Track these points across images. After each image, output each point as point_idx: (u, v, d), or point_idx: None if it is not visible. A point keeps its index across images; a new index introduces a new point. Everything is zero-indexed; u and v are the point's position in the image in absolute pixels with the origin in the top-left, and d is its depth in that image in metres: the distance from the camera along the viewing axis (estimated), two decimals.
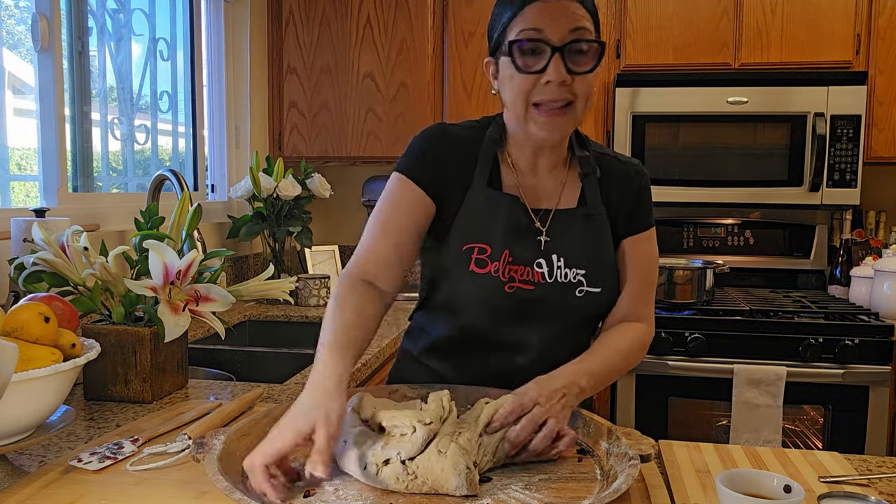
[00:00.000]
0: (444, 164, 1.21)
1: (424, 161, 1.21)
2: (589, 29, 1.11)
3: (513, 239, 1.19)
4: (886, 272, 2.43)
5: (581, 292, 1.19)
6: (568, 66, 1.09)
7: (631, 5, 2.72)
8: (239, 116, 2.83)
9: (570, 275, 1.19)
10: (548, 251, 1.20)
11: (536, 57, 1.11)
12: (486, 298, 1.18)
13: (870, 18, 2.60)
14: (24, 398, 0.92)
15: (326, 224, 3.24)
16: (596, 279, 1.20)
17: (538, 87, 1.11)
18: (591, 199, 1.22)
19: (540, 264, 1.19)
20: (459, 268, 1.18)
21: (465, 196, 1.20)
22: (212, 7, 2.72)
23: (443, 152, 1.21)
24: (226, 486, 0.81)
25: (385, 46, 2.82)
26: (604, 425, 1.05)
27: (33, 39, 1.81)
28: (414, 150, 1.23)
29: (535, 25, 1.09)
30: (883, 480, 1.02)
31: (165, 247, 1.31)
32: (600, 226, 1.22)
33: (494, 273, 1.17)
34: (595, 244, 1.21)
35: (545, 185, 1.24)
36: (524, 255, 1.19)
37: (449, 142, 1.22)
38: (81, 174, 2.07)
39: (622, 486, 0.85)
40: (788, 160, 2.62)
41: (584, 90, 1.12)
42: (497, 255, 1.18)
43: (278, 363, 1.93)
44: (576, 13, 1.10)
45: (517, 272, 1.18)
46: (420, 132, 1.24)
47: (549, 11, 1.10)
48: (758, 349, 2.33)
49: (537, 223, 1.21)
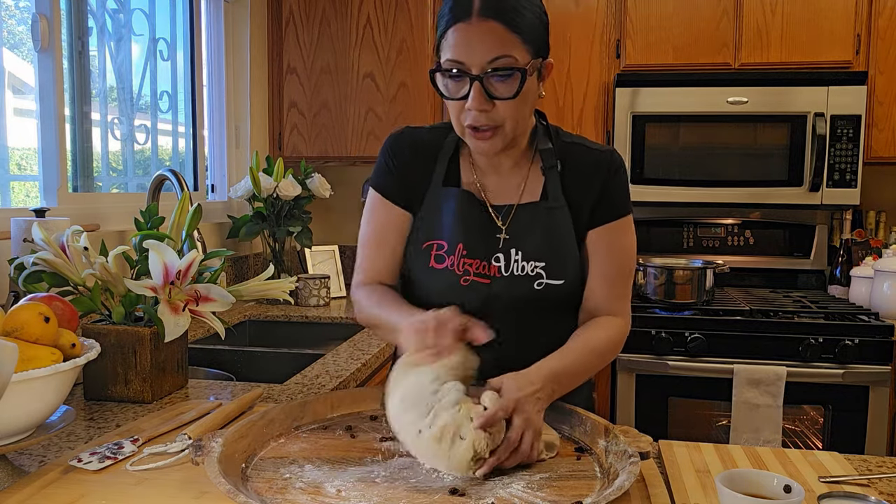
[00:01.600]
0: (407, 170, 1.27)
1: (390, 173, 1.28)
2: (513, 55, 1.09)
3: (467, 233, 1.21)
4: (886, 272, 2.43)
5: (540, 285, 1.19)
6: (489, 93, 1.10)
7: (631, 5, 2.72)
8: (239, 116, 2.83)
9: (528, 268, 1.20)
10: (506, 246, 1.21)
11: (459, 84, 1.12)
12: (443, 293, 1.21)
13: (870, 18, 2.60)
14: (24, 398, 0.92)
15: (326, 224, 3.24)
16: (557, 271, 1.20)
17: (465, 111, 1.13)
18: (552, 192, 1.22)
19: (497, 258, 1.21)
20: (421, 265, 1.23)
21: (426, 194, 1.25)
22: (212, 7, 2.72)
23: (404, 158, 1.27)
24: (229, 489, 0.81)
25: (385, 46, 2.82)
26: (601, 423, 1.05)
27: (33, 39, 1.81)
28: (380, 161, 1.30)
29: (455, 56, 1.09)
30: (883, 480, 1.02)
31: (165, 247, 1.31)
32: (562, 218, 1.22)
33: (451, 267, 1.21)
34: (556, 237, 1.21)
35: (507, 181, 1.25)
36: (480, 249, 1.21)
37: (409, 146, 1.27)
38: (81, 174, 2.07)
39: (625, 483, 0.86)
40: (788, 160, 2.62)
41: (511, 113, 1.12)
42: (452, 249, 1.21)
43: (278, 363, 1.93)
44: (498, 39, 1.08)
45: (472, 265, 1.20)
46: (386, 140, 1.30)
47: (470, 37, 1.09)
48: (758, 349, 2.33)
49: (498, 220, 1.23)
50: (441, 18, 1.14)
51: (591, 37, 2.75)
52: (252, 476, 0.93)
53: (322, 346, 2.21)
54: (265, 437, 1.04)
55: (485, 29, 1.08)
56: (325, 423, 1.14)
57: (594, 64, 2.76)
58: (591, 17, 2.74)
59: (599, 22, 2.75)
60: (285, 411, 1.10)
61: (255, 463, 0.97)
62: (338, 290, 2.77)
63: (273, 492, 0.88)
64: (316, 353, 1.92)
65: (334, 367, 1.70)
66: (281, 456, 1.00)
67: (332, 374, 1.64)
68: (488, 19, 1.08)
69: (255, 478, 0.92)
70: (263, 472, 0.94)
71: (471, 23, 1.08)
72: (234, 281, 2.63)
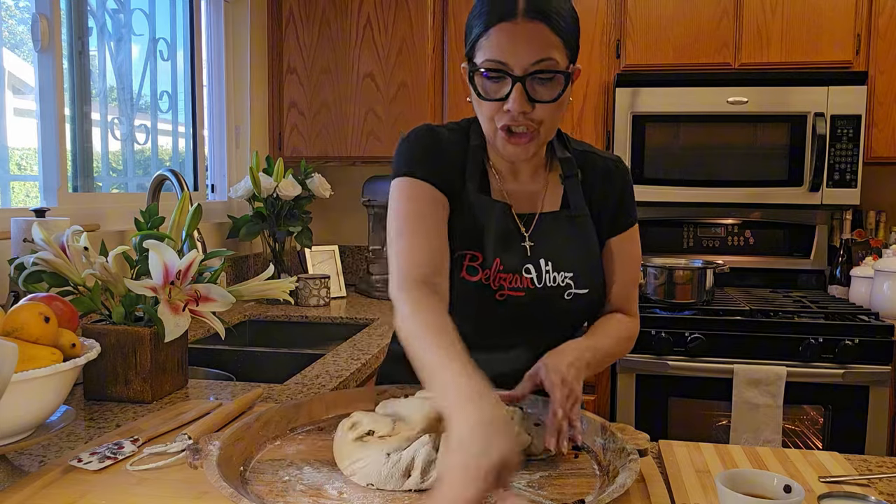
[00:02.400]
0: (441, 163, 1.20)
1: (427, 159, 1.18)
2: (555, 57, 1.07)
3: (502, 247, 1.19)
4: (886, 272, 2.43)
5: (570, 295, 1.20)
6: (530, 95, 1.08)
7: (631, 5, 2.72)
8: (239, 116, 2.83)
9: (559, 279, 1.19)
10: (534, 256, 1.20)
11: (499, 84, 1.09)
12: (477, 307, 1.17)
13: (870, 18, 2.60)
14: (24, 398, 0.92)
15: (326, 224, 3.24)
16: (583, 281, 1.20)
17: (501, 112, 1.10)
18: (575, 201, 1.22)
19: (528, 270, 1.19)
20: (452, 274, 1.17)
21: (460, 200, 1.19)
22: (212, 7, 2.72)
23: (436, 151, 1.20)
24: (231, 493, 0.81)
25: (385, 46, 2.82)
26: (596, 421, 1.05)
27: (33, 39, 1.81)
28: (411, 149, 1.20)
29: (497, 56, 1.07)
30: (883, 480, 1.02)
31: (165, 247, 1.31)
32: (585, 227, 1.23)
33: (485, 281, 1.17)
34: (581, 246, 1.22)
35: (527, 190, 1.24)
36: (512, 262, 1.19)
37: (439, 142, 1.21)
38: (81, 174, 2.07)
39: (627, 480, 0.86)
40: (788, 160, 2.62)
41: (549, 115, 1.11)
42: (488, 263, 1.17)
43: (278, 363, 1.93)
44: (543, 40, 1.07)
45: (506, 280, 1.19)
46: (408, 135, 1.22)
47: (514, 37, 1.07)
48: (758, 349, 2.33)
49: (522, 228, 1.21)
50: (477, 17, 1.10)
51: (591, 37, 2.75)
52: (251, 479, 0.93)
53: (322, 346, 2.22)
54: (261, 440, 1.04)
55: (530, 29, 1.06)
56: (320, 424, 1.14)
57: (594, 64, 2.76)
58: (591, 17, 2.74)
59: (599, 22, 2.74)
60: (280, 413, 1.09)
61: (253, 465, 0.97)
62: (338, 290, 2.77)
63: (274, 494, 0.88)
64: (316, 353, 1.92)
65: (334, 367, 1.69)
66: (278, 458, 1.00)
67: (332, 374, 1.64)
68: (534, 20, 1.06)
69: (255, 481, 0.92)
70: (262, 475, 0.94)
71: (516, 22, 1.06)
72: (234, 281, 2.63)
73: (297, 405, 1.13)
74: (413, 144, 1.21)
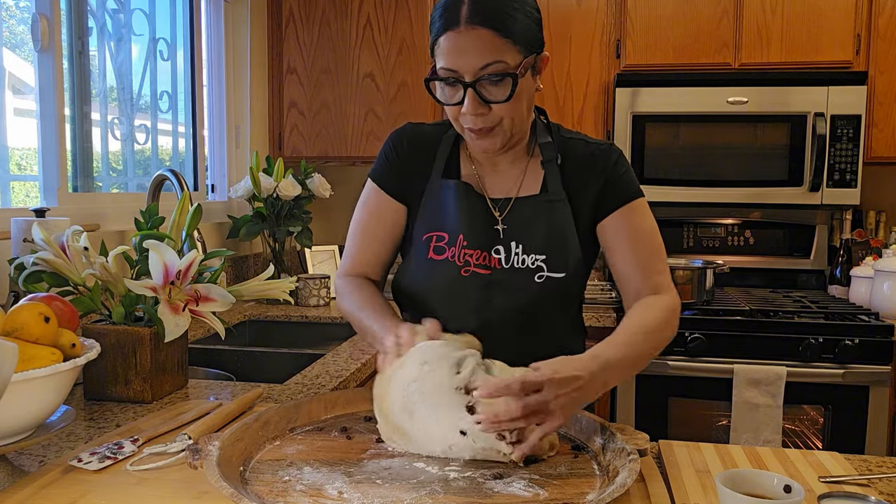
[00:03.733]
0: (407, 163, 1.29)
1: (388, 165, 1.30)
2: (504, 59, 1.10)
3: (468, 225, 1.22)
4: (886, 272, 2.43)
5: (541, 277, 1.20)
6: (483, 97, 1.12)
7: (631, 5, 2.72)
8: (239, 116, 2.83)
9: (529, 261, 1.20)
10: (506, 238, 1.22)
11: (454, 89, 1.14)
12: (443, 283, 1.22)
13: (870, 18, 2.60)
14: (24, 398, 0.92)
15: (326, 224, 3.24)
16: (557, 264, 1.20)
17: (462, 114, 1.15)
18: (552, 185, 1.23)
19: (498, 251, 1.22)
20: (420, 257, 1.25)
21: (425, 189, 1.27)
22: (212, 7, 2.72)
23: (402, 151, 1.29)
24: (231, 493, 0.81)
25: (385, 46, 2.82)
26: (596, 421, 1.05)
27: (33, 39, 1.81)
28: (380, 155, 1.32)
29: (448, 64, 1.11)
30: (883, 480, 1.02)
31: (165, 247, 1.31)
32: (562, 211, 1.23)
33: (451, 258, 1.22)
34: (557, 229, 1.22)
35: (505, 175, 1.27)
36: (480, 240, 1.22)
37: (410, 140, 1.30)
38: (81, 174, 2.07)
39: (627, 480, 0.86)
40: (788, 160, 2.62)
41: (507, 112, 1.14)
42: (453, 240, 1.22)
43: (278, 363, 1.93)
44: (488, 45, 1.09)
45: (472, 256, 1.22)
46: (389, 136, 1.32)
47: (460, 44, 1.10)
48: (758, 349, 2.33)
49: (495, 212, 1.24)
50: (432, 25, 1.15)
51: (591, 37, 2.75)
52: (251, 479, 0.93)
53: (322, 346, 2.22)
54: (261, 440, 1.04)
55: (474, 36, 1.09)
56: (319, 424, 1.14)
57: (594, 64, 2.76)
58: (591, 17, 2.74)
59: (599, 22, 2.74)
60: (280, 413, 1.09)
61: (253, 466, 0.97)
62: None
63: (274, 494, 0.88)
64: (316, 353, 1.92)
65: (334, 367, 1.70)
66: (278, 458, 1.00)
67: (332, 374, 1.64)
68: (476, 26, 1.08)
69: (255, 481, 0.92)
70: (262, 475, 0.94)
71: (460, 30, 1.09)
72: (234, 281, 2.63)
73: (296, 405, 1.13)
74: (385, 149, 1.32)
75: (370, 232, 1.30)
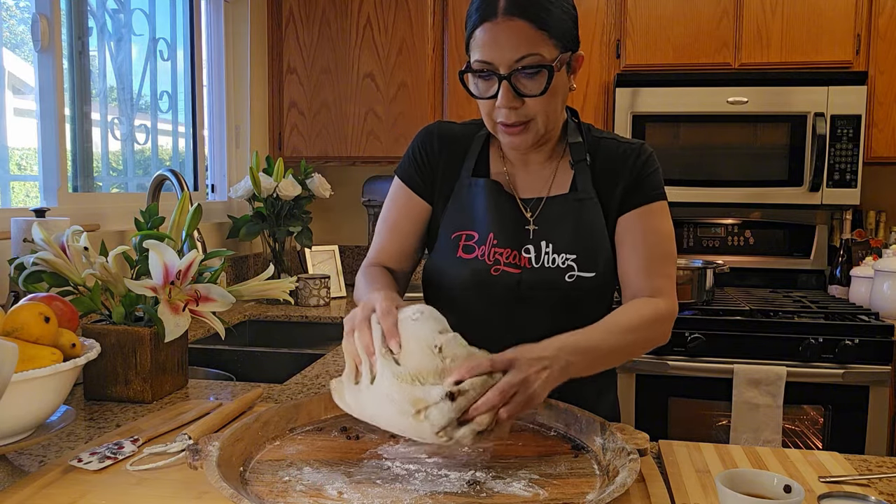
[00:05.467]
0: (435, 162, 1.28)
1: (416, 163, 1.30)
2: (540, 52, 1.10)
3: (497, 223, 1.22)
4: (886, 272, 2.43)
5: (572, 277, 1.19)
6: (518, 91, 1.12)
7: (631, 5, 2.72)
8: (239, 116, 2.83)
9: (559, 260, 1.20)
10: (536, 238, 1.22)
11: (488, 82, 1.13)
12: (473, 282, 1.22)
13: (870, 18, 2.60)
14: (24, 398, 0.92)
15: (326, 224, 3.24)
16: (588, 263, 1.20)
17: (496, 108, 1.15)
18: (582, 184, 1.23)
19: (528, 250, 1.22)
20: (449, 256, 1.24)
21: (454, 188, 1.27)
22: (212, 7, 2.72)
23: (433, 150, 1.29)
24: (231, 493, 0.81)
25: (385, 46, 2.82)
26: (596, 420, 1.05)
27: (33, 39, 1.81)
28: (408, 152, 1.32)
29: (483, 56, 1.11)
30: (883, 480, 1.02)
31: (165, 247, 1.31)
32: (592, 210, 1.22)
33: (481, 257, 1.21)
34: (587, 228, 1.21)
35: (537, 175, 1.26)
36: (510, 239, 1.22)
37: (440, 139, 1.29)
38: (81, 174, 2.07)
39: (627, 480, 0.86)
40: (788, 160, 2.62)
41: (541, 108, 1.14)
42: (483, 239, 1.22)
43: (278, 363, 1.93)
44: (524, 37, 1.09)
45: (502, 255, 1.21)
46: (418, 134, 1.32)
47: (496, 36, 1.10)
48: (758, 349, 2.33)
49: (527, 212, 1.23)
50: (469, 18, 1.14)
51: (591, 36, 2.75)
52: (251, 479, 0.93)
53: (322, 346, 2.22)
54: (260, 440, 1.04)
55: (511, 27, 1.09)
56: (319, 424, 1.13)
57: (594, 64, 2.76)
58: (591, 17, 2.74)
59: (599, 22, 2.75)
60: (279, 413, 1.09)
61: (253, 466, 0.97)
62: (338, 290, 2.77)
63: (274, 495, 0.88)
64: (316, 353, 1.92)
65: (334, 367, 1.70)
66: (278, 458, 1.00)
67: (332, 374, 1.64)
68: (514, 17, 1.09)
69: (255, 481, 0.92)
70: (262, 476, 0.94)
71: (497, 22, 1.09)
72: (234, 281, 2.63)
73: (296, 405, 1.13)
74: (413, 146, 1.31)
75: (396, 227, 1.30)
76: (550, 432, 1.10)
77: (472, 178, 1.26)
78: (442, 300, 1.26)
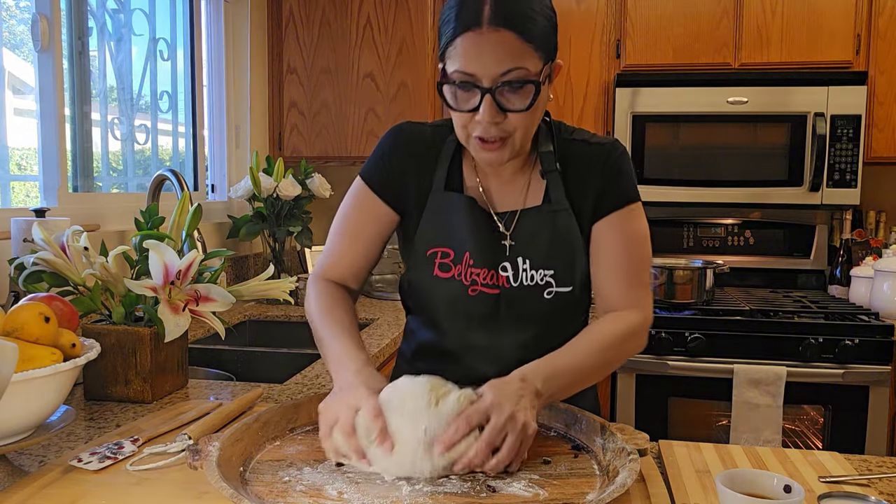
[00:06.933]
0: (401, 167, 1.21)
1: (382, 167, 1.22)
2: (526, 66, 1.02)
3: (474, 242, 1.17)
4: (886, 272, 2.43)
5: (550, 294, 1.16)
6: (501, 105, 1.04)
7: (631, 5, 2.72)
8: (239, 116, 2.83)
9: (537, 276, 1.16)
10: (513, 254, 1.18)
11: (469, 94, 1.05)
12: (451, 303, 1.18)
13: (870, 18, 2.60)
14: (24, 398, 0.92)
15: (326, 224, 3.21)
16: (565, 278, 1.17)
17: (473, 121, 1.07)
18: (555, 195, 1.18)
19: (505, 268, 1.17)
20: (425, 273, 1.20)
21: (427, 199, 1.20)
22: (212, 7, 2.72)
23: (399, 154, 1.22)
24: (231, 493, 0.81)
25: (385, 46, 2.82)
26: (596, 421, 1.05)
27: (33, 39, 1.81)
28: (376, 155, 1.24)
29: (465, 67, 1.03)
30: (883, 480, 1.02)
31: (165, 247, 1.31)
32: (567, 221, 1.17)
33: (458, 277, 1.17)
34: (562, 241, 1.17)
35: (510, 186, 1.21)
36: (486, 258, 1.17)
37: (407, 143, 1.22)
38: (81, 174, 2.07)
39: (627, 480, 0.86)
40: (788, 160, 2.62)
41: (522, 123, 1.07)
42: (459, 258, 1.17)
43: (278, 363, 1.93)
44: (511, 49, 1.01)
45: (479, 275, 1.17)
46: (387, 134, 1.24)
47: (481, 47, 1.01)
48: (758, 349, 2.33)
49: (501, 227, 1.19)
50: (445, 24, 1.06)
51: (591, 37, 2.75)
52: (251, 480, 0.93)
53: None
54: (260, 440, 1.03)
55: (496, 39, 1.01)
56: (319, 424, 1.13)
57: (594, 64, 2.76)
58: (591, 17, 2.74)
59: (599, 22, 2.75)
60: (279, 413, 1.09)
61: (253, 466, 0.97)
62: None
63: (274, 495, 0.88)
64: (316, 353, 1.91)
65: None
66: (278, 459, 1.00)
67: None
68: (499, 28, 1.01)
69: (255, 481, 0.92)
70: (262, 476, 0.94)
71: (481, 32, 1.01)
72: (234, 281, 2.63)
73: (296, 405, 1.13)
74: (383, 147, 1.23)
75: (359, 234, 1.23)
76: (550, 432, 1.10)
77: (446, 192, 1.19)
78: (422, 317, 1.26)
